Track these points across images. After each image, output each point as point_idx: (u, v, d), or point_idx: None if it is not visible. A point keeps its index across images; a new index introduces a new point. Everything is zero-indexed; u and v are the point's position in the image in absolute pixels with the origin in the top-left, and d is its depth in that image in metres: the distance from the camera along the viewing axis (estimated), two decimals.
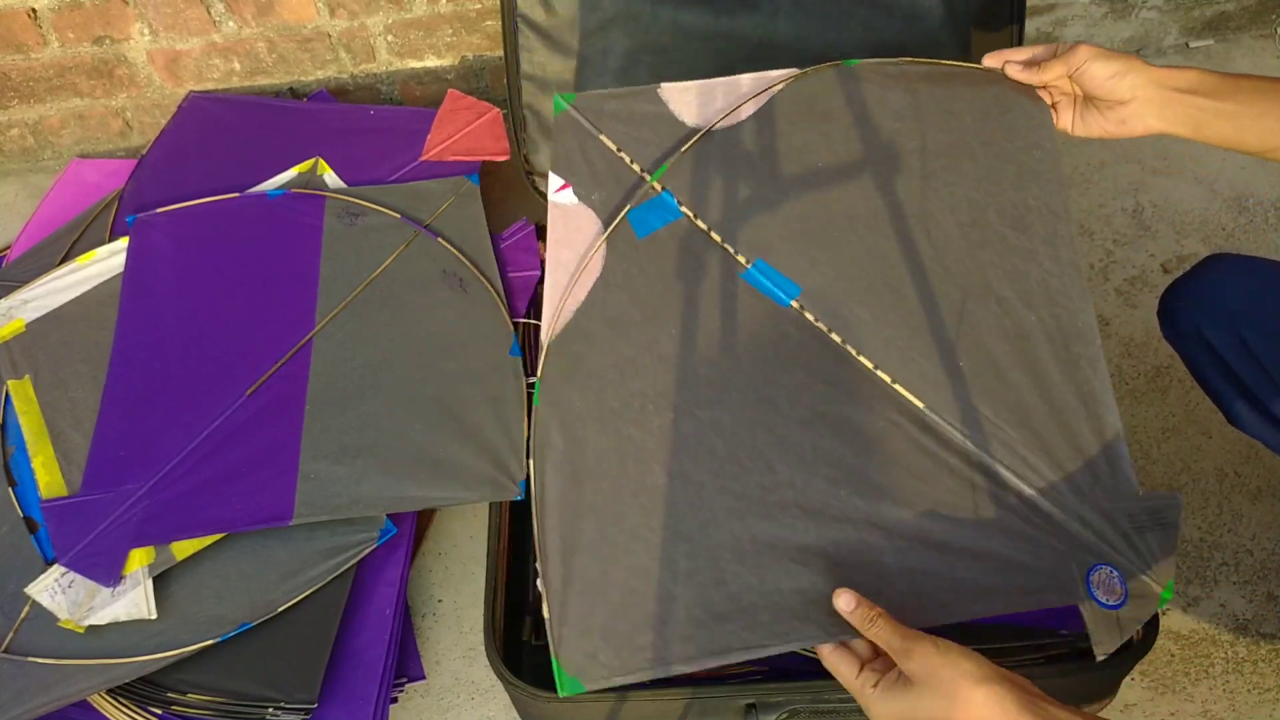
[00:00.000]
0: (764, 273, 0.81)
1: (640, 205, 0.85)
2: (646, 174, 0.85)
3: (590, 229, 0.85)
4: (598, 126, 0.89)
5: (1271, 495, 1.04)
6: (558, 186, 0.87)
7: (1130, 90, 0.74)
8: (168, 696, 0.90)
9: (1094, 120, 0.78)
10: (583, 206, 0.86)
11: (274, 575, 0.93)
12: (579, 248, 0.84)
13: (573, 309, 0.82)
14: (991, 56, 0.83)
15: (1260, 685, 0.94)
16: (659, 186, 0.85)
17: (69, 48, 1.33)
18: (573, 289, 0.82)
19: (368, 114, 1.29)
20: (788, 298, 0.80)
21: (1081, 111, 0.79)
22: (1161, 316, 0.85)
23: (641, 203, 0.85)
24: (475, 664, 1.02)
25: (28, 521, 0.96)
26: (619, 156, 0.87)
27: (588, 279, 0.83)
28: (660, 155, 0.87)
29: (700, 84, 0.89)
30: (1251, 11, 1.39)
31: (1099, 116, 0.77)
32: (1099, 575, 0.71)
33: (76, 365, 1.05)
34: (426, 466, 0.95)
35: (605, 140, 0.88)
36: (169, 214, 1.16)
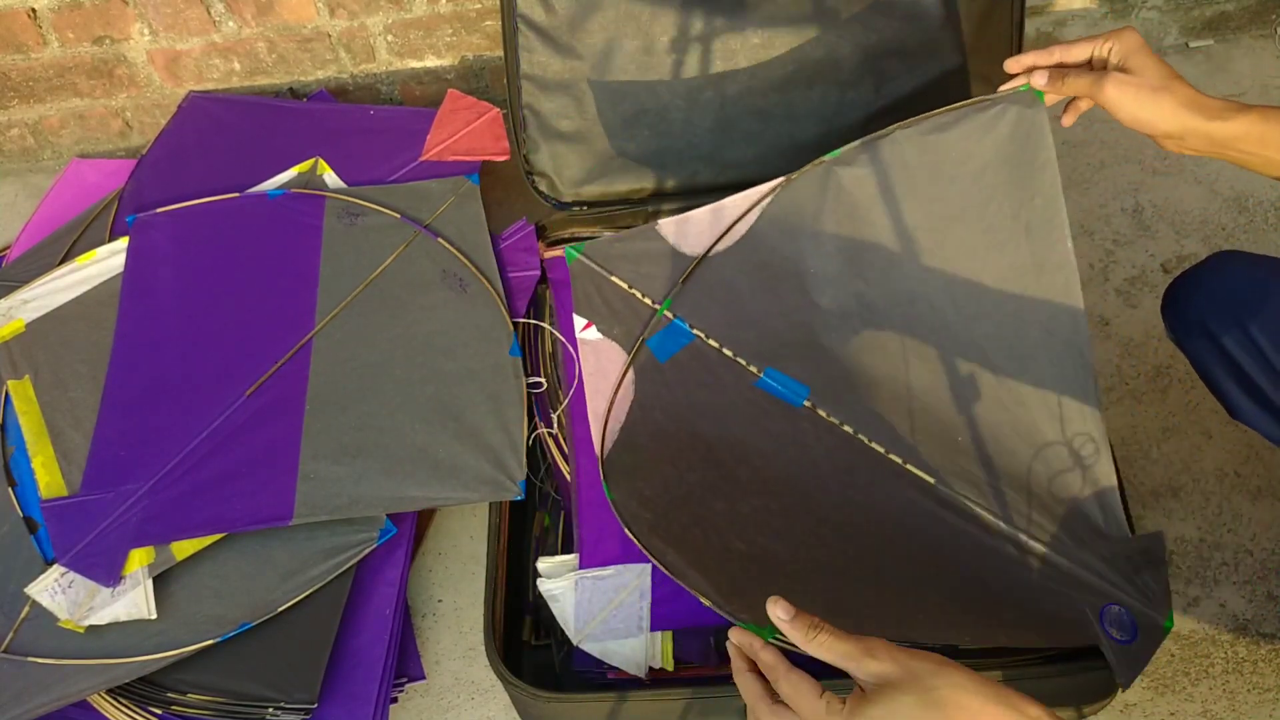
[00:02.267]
0: (775, 379, 0.90)
1: (657, 334, 0.94)
2: (656, 305, 0.95)
3: (618, 359, 0.95)
4: (608, 269, 0.98)
5: (1271, 495, 1.04)
6: (582, 326, 0.98)
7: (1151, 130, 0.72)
8: (168, 696, 0.90)
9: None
10: (607, 341, 0.97)
11: (274, 575, 0.93)
12: (611, 377, 0.94)
13: (616, 428, 0.93)
14: (1012, 63, 0.80)
15: (1260, 685, 0.94)
16: (670, 315, 0.94)
17: (69, 48, 1.33)
18: (613, 412, 0.93)
19: (368, 114, 1.29)
20: (799, 399, 0.89)
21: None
22: (1166, 310, 0.85)
23: (657, 331, 0.94)
24: (475, 664, 1.02)
25: (28, 521, 0.96)
26: (631, 294, 0.97)
27: (624, 403, 0.94)
28: (667, 286, 0.96)
29: (693, 214, 0.97)
30: (1251, 11, 1.39)
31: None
32: (1111, 614, 0.76)
33: (76, 365, 1.05)
34: (426, 466, 0.95)
35: (617, 280, 0.98)
36: (169, 214, 1.16)
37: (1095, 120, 1.35)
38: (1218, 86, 1.37)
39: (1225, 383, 0.80)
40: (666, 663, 0.85)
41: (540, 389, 1.02)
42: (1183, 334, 0.83)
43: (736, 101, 1.10)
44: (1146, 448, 1.08)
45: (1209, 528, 1.03)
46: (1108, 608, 0.76)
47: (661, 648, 0.85)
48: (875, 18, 1.06)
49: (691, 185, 1.13)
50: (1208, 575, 1.00)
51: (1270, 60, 1.39)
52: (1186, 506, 1.04)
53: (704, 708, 0.83)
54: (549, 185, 1.15)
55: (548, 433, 1.00)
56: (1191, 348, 0.83)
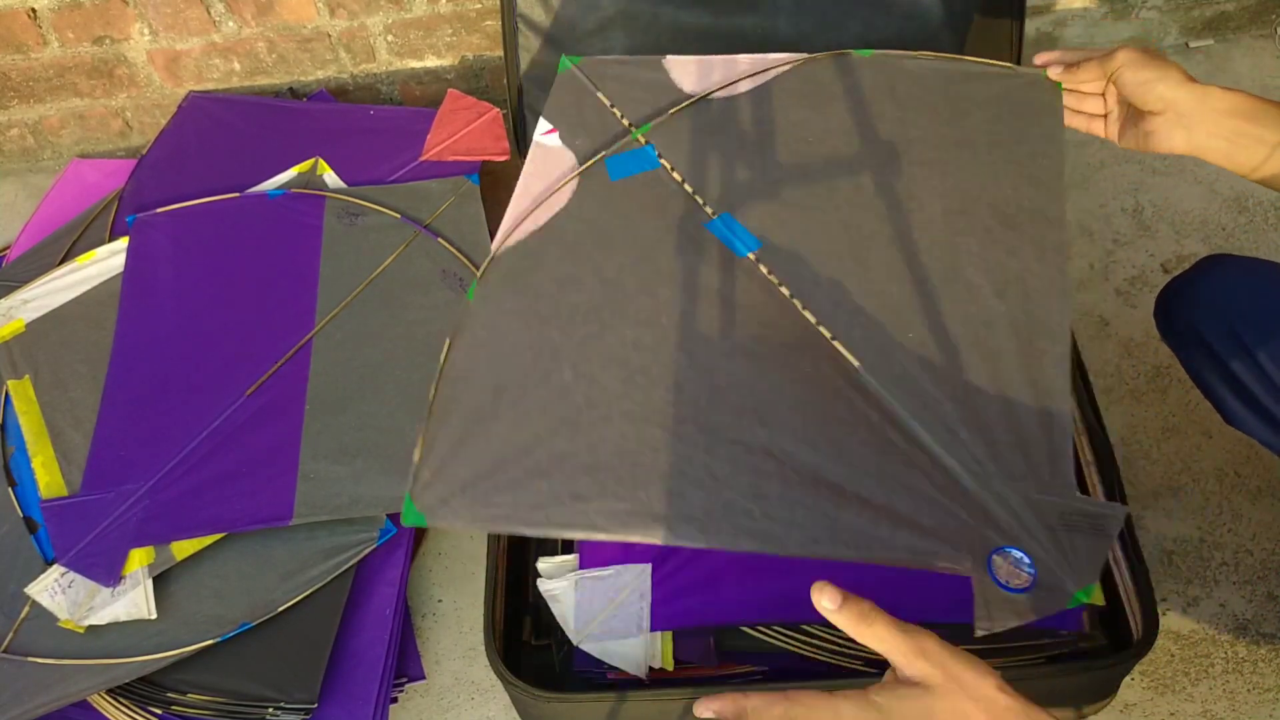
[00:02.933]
0: (728, 225, 0.82)
1: (620, 153, 0.86)
2: (633, 127, 0.87)
3: (565, 167, 0.86)
4: (597, 85, 0.91)
5: (1271, 495, 1.04)
6: (545, 130, 0.88)
7: (1160, 101, 0.70)
8: (168, 696, 0.90)
9: (1129, 132, 0.75)
10: (564, 149, 0.87)
11: (274, 575, 0.94)
12: (549, 180, 0.85)
13: (528, 230, 0.83)
14: (1041, 56, 0.81)
15: (1260, 685, 0.94)
16: (643, 140, 0.87)
17: (69, 48, 1.33)
18: (533, 215, 0.83)
19: (368, 114, 1.29)
20: (746, 249, 0.81)
21: (1125, 124, 0.76)
22: (1158, 317, 0.85)
23: (622, 151, 0.86)
24: (475, 664, 1.02)
25: (28, 521, 0.96)
26: (611, 111, 0.89)
27: (550, 209, 0.84)
28: (651, 115, 0.89)
29: (706, 58, 0.90)
30: (1251, 11, 1.39)
31: (1133, 128, 0.74)
32: (1005, 557, 0.69)
33: (76, 365, 1.05)
34: None
35: (601, 96, 0.90)
36: (169, 214, 1.16)
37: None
38: None
39: (1219, 389, 0.80)
40: (666, 663, 0.85)
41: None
42: (1176, 340, 0.83)
43: None
44: (1146, 448, 1.08)
45: (1209, 528, 1.03)
46: (1004, 550, 0.69)
47: (661, 648, 0.85)
48: (875, 17, 1.06)
49: None
50: (1208, 575, 1.00)
51: (1270, 60, 1.39)
52: (1186, 506, 1.04)
53: None
54: None
55: None
56: (1185, 354, 0.83)
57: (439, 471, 0.72)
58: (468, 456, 0.72)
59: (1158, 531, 1.03)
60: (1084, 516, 0.70)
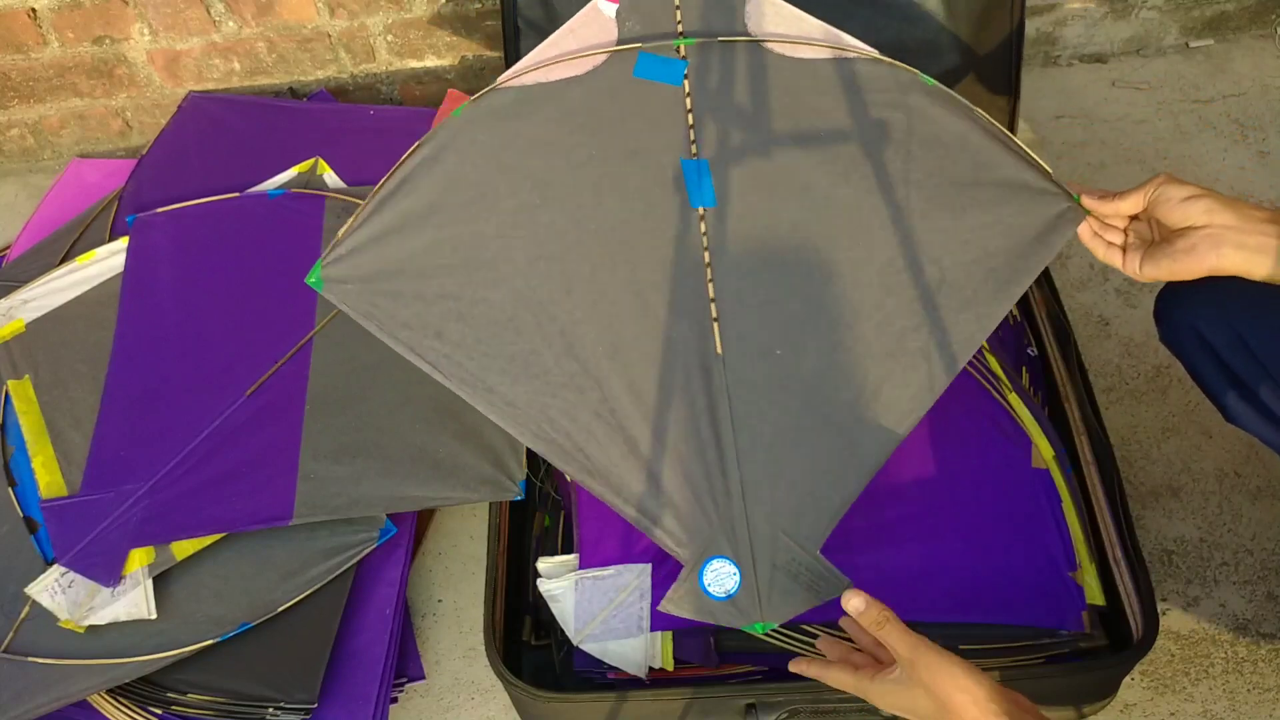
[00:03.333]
0: (700, 172, 0.83)
1: (656, 55, 0.86)
2: (682, 35, 0.86)
3: (604, 39, 0.87)
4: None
5: (1271, 495, 1.04)
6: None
7: (1205, 214, 0.69)
8: (168, 696, 0.90)
9: (1162, 257, 0.72)
10: (613, 23, 0.87)
11: (274, 575, 0.94)
12: (581, 44, 0.86)
13: (537, 79, 0.85)
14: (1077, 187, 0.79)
15: (1260, 685, 0.94)
16: (683, 51, 0.86)
17: (69, 48, 1.33)
18: (549, 69, 0.85)
19: (368, 114, 1.29)
20: (698, 202, 0.83)
21: (1150, 251, 0.74)
22: (1158, 316, 0.85)
23: (659, 53, 0.86)
24: (475, 664, 1.02)
25: (28, 521, 0.96)
26: (674, 9, 0.88)
27: (566, 70, 0.85)
28: (708, 31, 0.87)
29: (791, 8, 0.88)
30: (1251, 11, 1.40)
31: (1169, 249, 0.72)
32: (719, 565, 0.74)
33: (76, 365, 1.05)
34: (426, 466, 0.95)
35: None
36: (169, 214, 1.16)
37: (1095, 120, 1.36)
38: (1218, 86, 1.37)
39: (1219, 387, 0.80)
40: (666, 663, 0.85)
41: None
42: (1175, 340, 0.83)
43: None
44: (1146, 448, 1.08)
45: (1209, 528, 1.03)
46: (721, 559, 0.75)
47: (661, 648, 0.85)
48: (875, 18, 1.06)
49: None
50: (1208, 575, 1.00)
51: (1270, 60, 1.40)
52: (1186, 506, 1.04)
53: (704, 708, 0.83)
54: None
55: None
56: (1185, 353, 0.83)
57: (350, 254, 0.79)
58: (377, 253, 0.79)
59: (1158, 531, 1.03)
60: (809, 571, 0.76)
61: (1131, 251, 0.76)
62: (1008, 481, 0.91)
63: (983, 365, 0.99)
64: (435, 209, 0.80)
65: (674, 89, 0.86)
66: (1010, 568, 0.86)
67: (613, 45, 0.86)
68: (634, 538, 0.90)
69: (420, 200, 0.80)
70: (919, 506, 0.90)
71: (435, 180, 0.81)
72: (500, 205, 0.81)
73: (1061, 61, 1.44)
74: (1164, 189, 0.72)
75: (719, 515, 0.76)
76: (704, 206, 0.82)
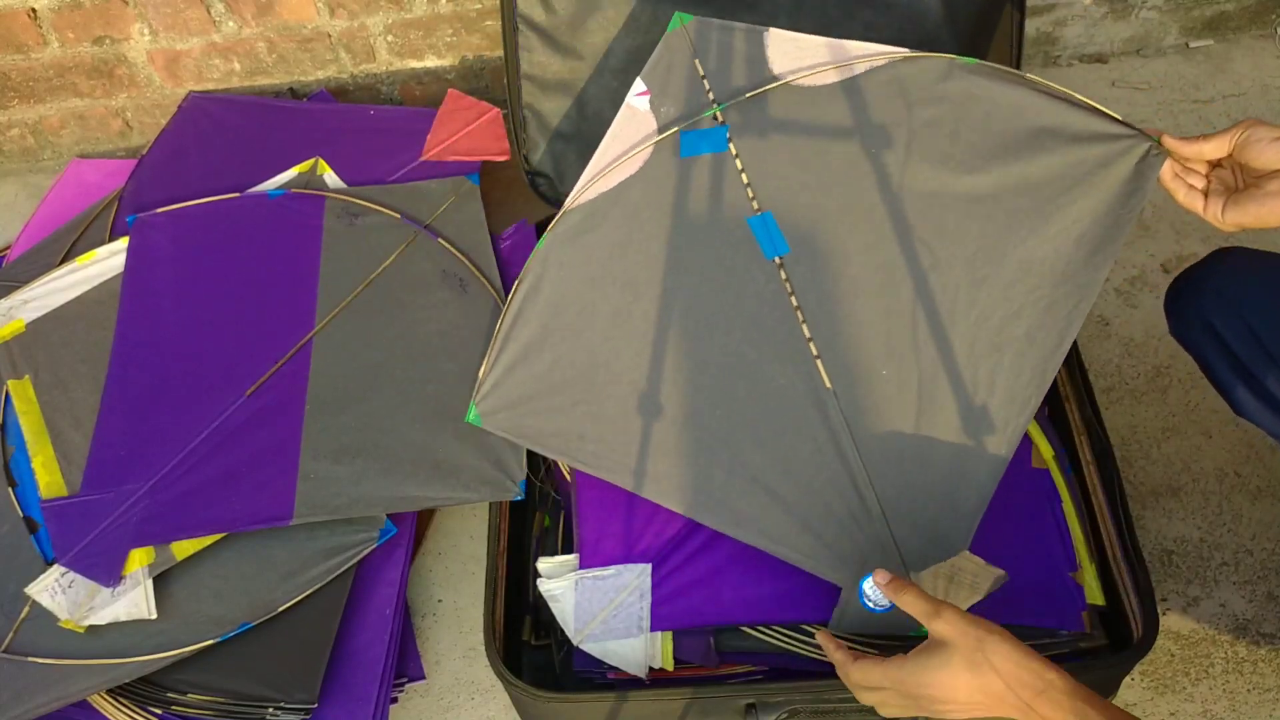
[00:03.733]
0: (767, 224, 0.87)
1: (695, 130, 0.90)
2: (715, 103, 0.90)
3: (645, 132, 0.91)
4: (697, 51, 0.93)
5: (1271, 495, 1.04)
6: (639, 91, 0.93)
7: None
8: (168, 696, 0.90)
9: (1249, 202, 0.71)
10: (649, 114, 0.92)
11: (274, 575, 0.93)
12: (627, 144, 0.91)
13: (599, 190, 0.91)
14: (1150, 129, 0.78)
15: (1260, 685, 0.94)
16: (720, 118, 0.90)
17: (69, 48, 1.33)
18: (607, 176, 0.91)
19: (368, 114, 1.29)
20: (773, 253, 0.86)
21: (1236, 197, 0.72)
22: (1169, 308, 0.85)
23: (697, 128, 0.90)
24: (475, 664, 1.02)
25: (28, 521, 0.96)
26: (701, 82, 0.91)
27: (621, 173, 0.91)
28: (736, 91, 0.91)
29: (809, 37, 0.91)
30: (1251, 11, 1.40)
31: (1256, 193, 0.70)
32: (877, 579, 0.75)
33: (76, 365, 1.05)
34: (426, 466, 0.95)
35: (697, 64, 0.92)
36: (169, 214, 1.16)
37: None
38: (1218, 86, 1.37)
39: (1229, 379, 0.80)
40: (666, 663, 0.85)
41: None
42: (1186, 331, 0.83)
43: None
44: (1146, 448, 1.08)
45: (1209, 528, 1.03)
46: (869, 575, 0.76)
47: (661, 647, 0.85)
48: (875, 18, 1.06)
49: None
50: (1208, 575, 1.00)
51: (1270, 60, 1.39)
52: (1186, 506, 1.04)
53: (704, 708, 0.83)
54: (549, 185, 1.15)
55: None
56: (1195, 345, 0.82)
57: (492, 390, 0.90)
58: (512, 383, 0.89)
59: (1158, 531, 1.03)
60: (968, 574, 0.79)
61: (1214, 197, 0.74)
62: (1008, 481, 0.91)
63: None
64: (548, 332, 0.89)
65: (722, 155, 0.89)
66: (1010, 568, 0.86)
67: (654, 135, 0.90)
68: (634, 538, 0.90)
69: (534, 328, 0.89)
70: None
71: (540, 308, 0.89)
72: (599, 313, 0.88)
73: (1061, 61, 1.44)
74: (1253, 130, 0.70)
75: (865, 537, 0.80)
76: (779, 255, 0.86)
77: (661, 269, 0.88)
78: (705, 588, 0.87)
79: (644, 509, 0.91)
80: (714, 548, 0.89)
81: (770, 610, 0.86)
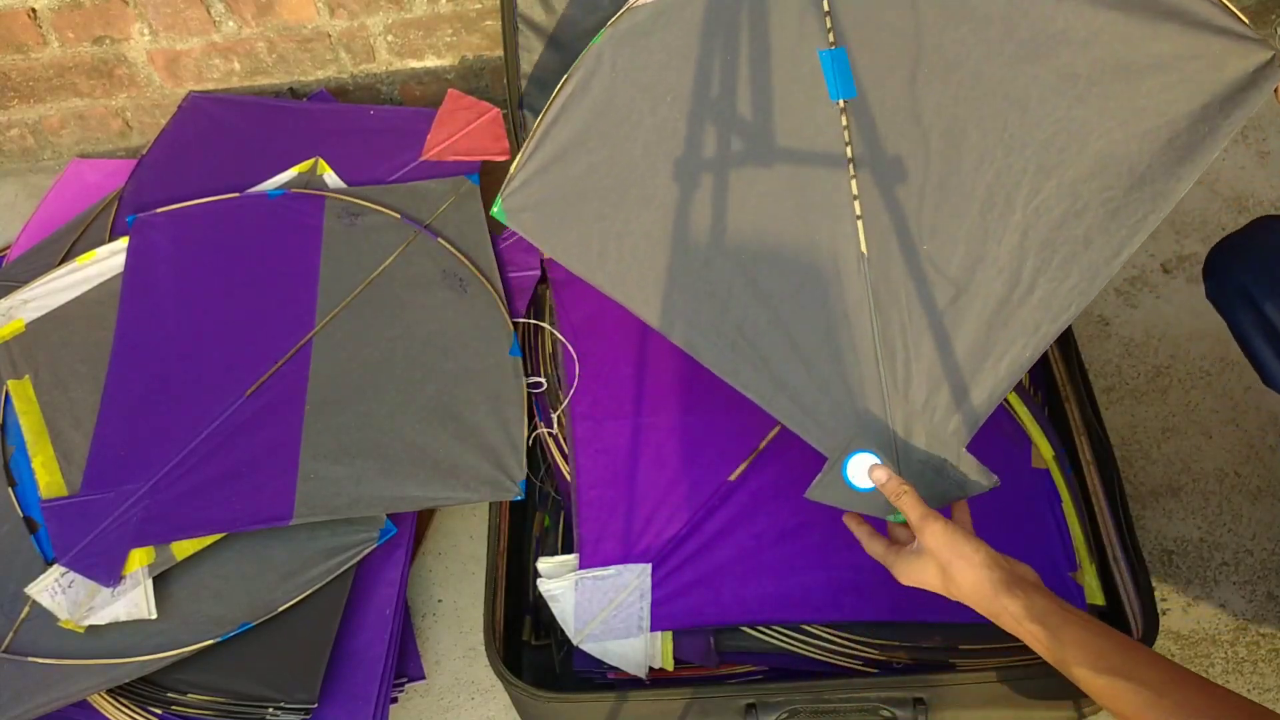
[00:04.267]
0: (838, 61, 0.81)
1: None
2: None
3: None
4: None
5: (1271, 495, 1.04)
6: None
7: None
8: (168, 696, 0.90)
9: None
10: None
11: (274, 575, 0.93)
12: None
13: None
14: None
15: (1260, 685, 0.94)
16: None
17: (69, 48, 1.33)
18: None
19: (368, 114, 1.29)
20: (837, 95, 0.80)
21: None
22: (1207, 276, 0.84)
23: None
24: (475, 664, 1.02)
25: (28, 521, 0.96)
26: None
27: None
28: None
29: None
30: (1251, 11, 1.39)
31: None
32: (863, 458, 0.75)
33: (76, 365, 1.05)
34: (426, 467, 0.95)
35: None
36: (169, 214, 1.16)
37: None
38: None
39: (1263, 350, 0.79)
40: (666, 663, 0.85)
41: (540, 389, 1.02)
42: (1223, 300, 0.81)
43: None
44: (1146, 448, 1.08)
45: (1209, 528, 1.03)
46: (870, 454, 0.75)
47: (661, 647, 0.85)
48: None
49: None
50: (1208, 575, 1.00)
51: None
52: (1186, 506, 1.04)
53: (704, 708, 0.83)
54: None
55: (548, 433, 1.00)
56: (1231, 314, 0.81)
57: (522, 185, 0.83)
58: (542, 181, 0.83)
59: (1158, 531, 1.03)
60: (953, 468, 0.76)
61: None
62: (1008, 481, 0.91)
63: None
64: (588, 134, 0.82)
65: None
66: None
67: None
68: (634, 538, 0.90)
69: (574, 128, 0.82)
70: None
71: (585, 108, 0.82)
72: (643, 124, 0.82)
73: None
74: None
75: (863, 410, 0.77)
76: (844, 99, 0.80)
77: (717, 90, 0.82)
78: (705, 588, 0.87)
79: (644, 509, 0.91)
80: (714, 548, 0.89)
81: (769, 610, 0.86)
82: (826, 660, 0.85)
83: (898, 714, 0.79)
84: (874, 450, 0.75)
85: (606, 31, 0.82)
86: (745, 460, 0.94)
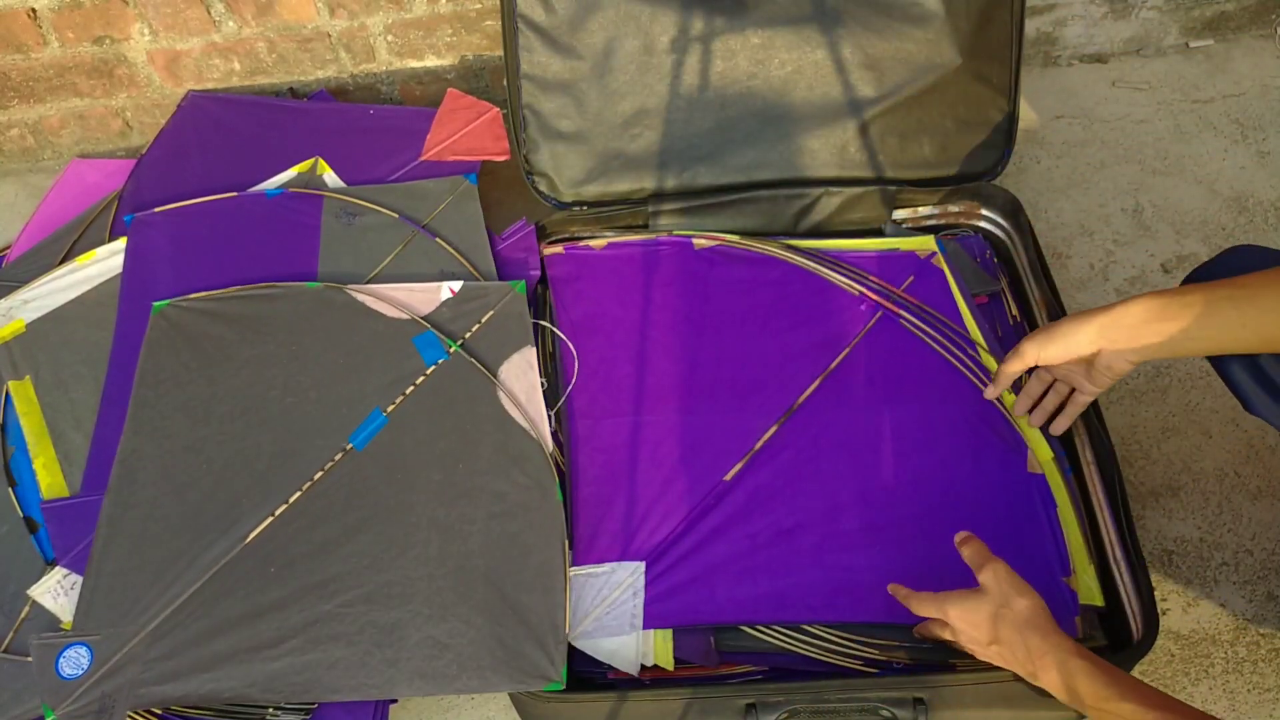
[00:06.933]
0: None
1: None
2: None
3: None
4: None
5: (1271, 495, 1.04)
6: None
7: (1090, 347, 0.80)
8: None
9: (1097, 377, 0.83)
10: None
11: None
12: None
13: None
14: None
15: (1260, 685, 0.94)
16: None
17: (69, 48, 1.33)
18: None
19: (368, 114, 1.29)
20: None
21: (1089, 374, 0.84)
22: None
23: None
24: None
25: (28, 522, 0.96)
26: None
27: None
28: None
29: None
30: (1251, 11, 1.39)
31: (1094, 374, 0.83)
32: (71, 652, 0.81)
33: (76, 366, 1.05)
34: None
35: None
36: (167, 213, 1.16)
37: (1095, 120, 1.36)
38: (1218, 86, 1.37)
39: (1240, 376, 0.79)
40: (666, 663, 0.85)
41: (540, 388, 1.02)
42: None
43: (736, 102, 1.10)
44: (1146, 448, 1.08)
45: (1209, 528, 1.03)
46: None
47: (658, 647, 0.85)
48: (875, 18, 1.06)
49: (691, 186, 1.13)
50: (1208, 575, 1.00)
51: (1270, 60, 1.39)
52: (1186, 506, 1.04)
53: (704, 708, 0.83)
54: (549, 185, 1.15)
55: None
56: None
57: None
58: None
59: (1158, 531, 1.03)
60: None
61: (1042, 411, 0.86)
62: (1003, 486, 0.92)
63: (979, 365, 0.99)
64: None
65: None
66: None
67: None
68: (628, 536, 0.90)
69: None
70: (915, 509, 0.91)
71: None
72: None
73: (1061, 61, 1.44)
74: (1039, 355, 0.82)
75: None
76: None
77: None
78: (699, 587, 0.87)
79: (639, 507, 0.91)
80: (709, 547, 0.89)
81: (763, 611, 0.86)
82: (827, 660, 0.85)
83: (898, 714, 0.79)
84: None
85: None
86: (741, 460, 0.94)
